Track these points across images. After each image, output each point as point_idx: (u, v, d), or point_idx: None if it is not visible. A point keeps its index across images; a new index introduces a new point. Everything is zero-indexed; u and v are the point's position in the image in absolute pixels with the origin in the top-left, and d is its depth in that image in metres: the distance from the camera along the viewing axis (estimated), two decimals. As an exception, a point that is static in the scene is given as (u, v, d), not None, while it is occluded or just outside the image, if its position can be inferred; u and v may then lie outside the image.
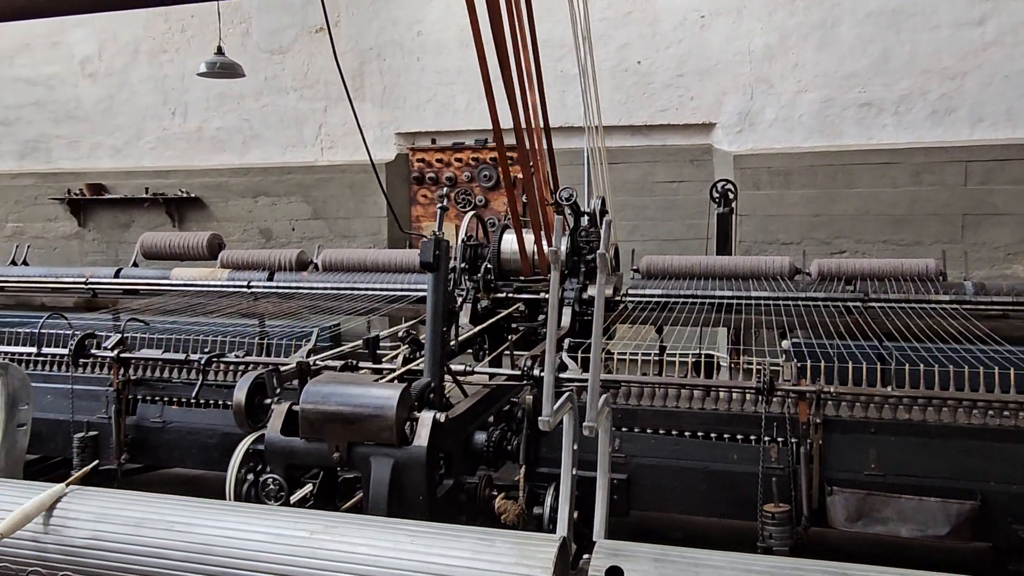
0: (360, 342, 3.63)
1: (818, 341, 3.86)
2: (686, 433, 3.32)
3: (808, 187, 7.89)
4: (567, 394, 1.55)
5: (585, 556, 1.30)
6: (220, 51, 8.15)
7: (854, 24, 7.72)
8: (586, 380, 2.02)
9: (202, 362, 3.75)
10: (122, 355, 3.92)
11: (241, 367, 3.84)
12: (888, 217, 7.72)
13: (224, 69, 8.13)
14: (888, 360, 3.50)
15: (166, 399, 3.98)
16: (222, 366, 3.91)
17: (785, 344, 4.43)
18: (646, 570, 1.20)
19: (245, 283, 5.33)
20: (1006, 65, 7.37)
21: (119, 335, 3.97)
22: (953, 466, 3.05)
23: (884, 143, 7.74)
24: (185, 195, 9.81)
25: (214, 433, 3.86)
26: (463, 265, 4.79)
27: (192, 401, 3.86)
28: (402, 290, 5.07)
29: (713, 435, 3.31)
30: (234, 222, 9.83)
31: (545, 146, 4.66)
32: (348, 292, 5.19)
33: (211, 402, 3.91)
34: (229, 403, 3.84)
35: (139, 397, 4.00)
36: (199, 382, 3.77)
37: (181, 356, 3.85)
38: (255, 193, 9.75)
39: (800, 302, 4.51)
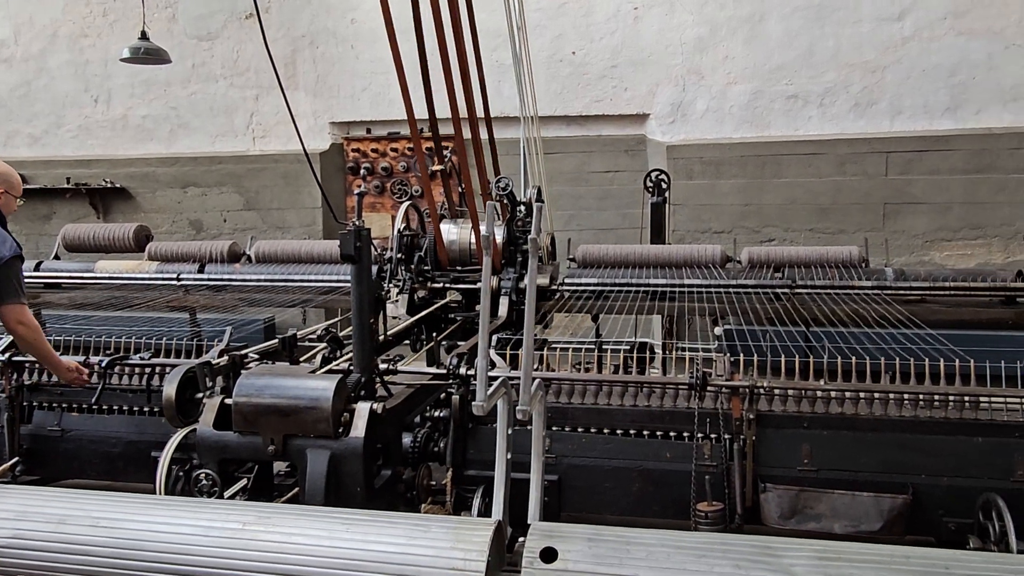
0: (276, 341, 3.52)
1: (749, 327, 3.96)
2: (618, 431, 3.32)
3: (738, 177, 8.07)
4: (501, 378, 1.56)
5: (520, 539, 1.32)
6: (144, 36, 7.87)
7: (781, 18, 7.92)
8: (515, 377, 2.03)
9: (103, 364, 3.57)
10: (14, 358, 3.71)
11: (147, 369, 3.71)
12: (814, 206, 7.95)
13: (149, 55, 7.87)
14: (816, 347, 3.59)
15: (65, 405, 3.77)
16: (127, 369, 3.73)
17: (717, 330, 4.53)
18: (580, 550, 1.22)
19: (174, 275, 5.19)
20: (923, 60, 7.65)
21: (9, 337, 3.71)
22: (885, 460, 3.10)
23: (810, 134, 7.97)
24: (110, 185, 9.48)
25: (118, 441, 3.69)
26: (399, 255, 4.76)
27: (94, 407, 3.68)
28: (337, 281, 5.00)
29: (645, 432, 3.30)
30: (162, 213, 9.55)
31: (484, 135, 4.66)
32: (282, 284, 5.10)
33: (115, 408, 3.75)
34: (136, 408, 3.73)
35: (35, 404, 3.79)
36: (100, 387, 3.60)
37: (80, 358, 3.65)
38: (184, 183, 9.48)
39: (732, 289, 4.61)
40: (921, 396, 3.20)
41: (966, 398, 3.19)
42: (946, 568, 1.12)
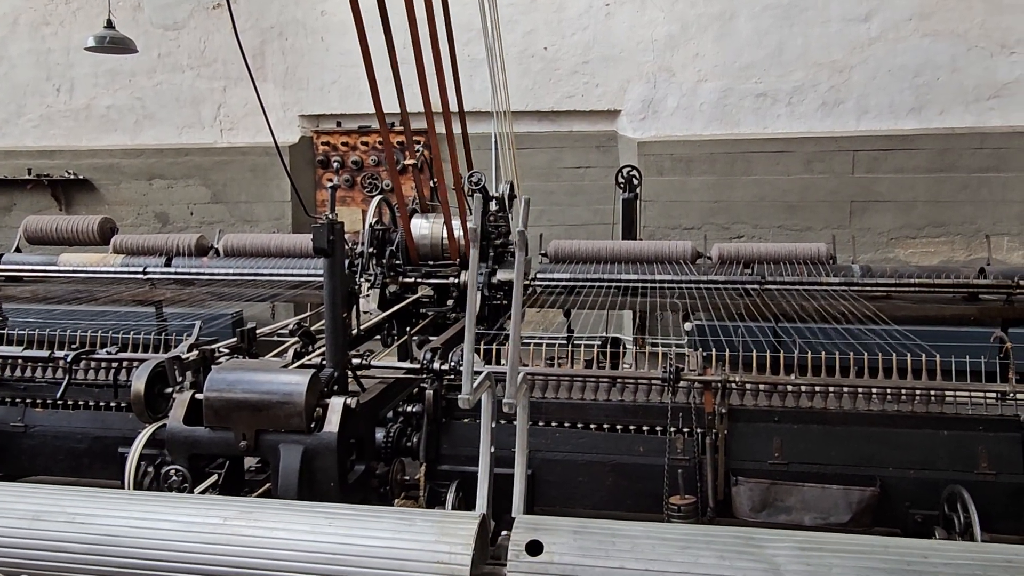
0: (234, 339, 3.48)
1: (720, 323, 4.00)
2: (591, 425, 3.33)
3: (708, 174, 8.14)
4: (485, 372, 1.56)
5: (504, 532, 1.31)
6: (110, 24, 7.72)
7: (751, 16, 7.99)
8: (498, 371, 2.04)
9: (68, 359, 3.50)
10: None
11: (114, 364, 3.65)
12: (782, 203, 8.05)
13: (114, 44, 7.71)
14: (786, 342, 3.63)
15: (28, 400, 3.69)
16: (93, 364, 3.64)
17: (688, 326, 4.56)
18: (565, 542, 1.22)
19: (141, 269, 5.10)
20: (889, 60, 7.78)
21: None
22: (853, 453, 3.14)
23: (778, 132, 8.06)
24: (72, 177, 9.29)
25: (84, 437, 3.61)
26: (371, 250, 4.72)
27: (58, 402, 3.60)
28: (307, 275, 4.95)
29: (619, 427, 3.31)
30: (127, 206, 9.38)
31: (457, 130, 4.64)
32: (251, 278, 5.04)
33: (80, 403, 3.67)
34: (102, 403, 3.66)
35: None
36: (65, 381, 3.53)
37: (44, 353, 3.57)
38: (150, 175, 9.32)
39: (702, 285, 4.65)
40: (888, 390, 3.25)
41: (932, 392, 3.25)
42: (924, 557, 1.14)
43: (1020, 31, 7.54)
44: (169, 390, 2.90)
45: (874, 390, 3.26)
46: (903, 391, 3.25)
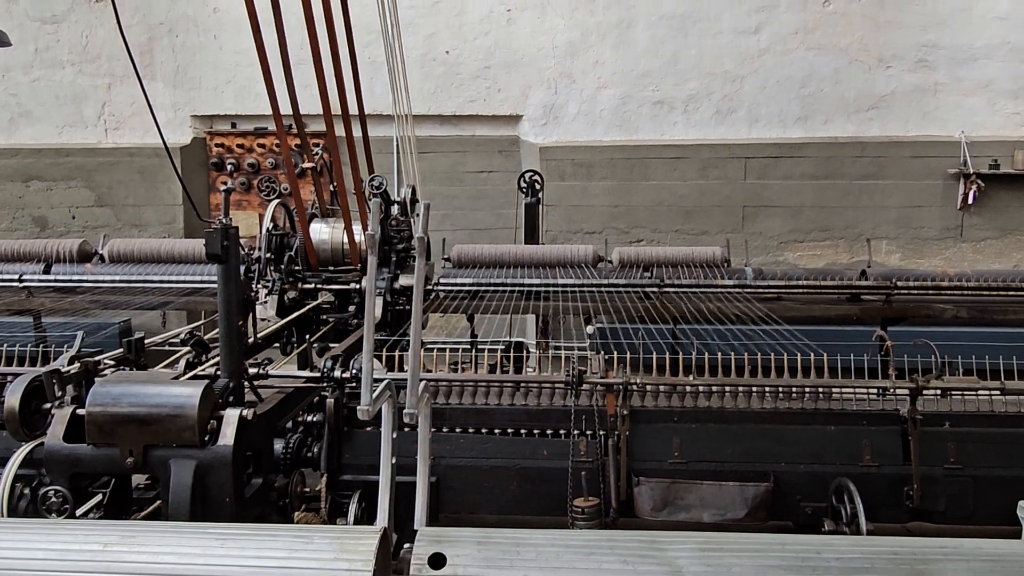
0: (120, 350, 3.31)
1: (621, 325, 4.06)
2: (496, 430, 3.34)
3: (608, 179, 8.30)
4: (386, 381, 1.52)
5: (407, 545, 1.28)
6: (-21, 16, 7.22)
7: (648, 26, 8.19)
8: (399, 379, 2.01)
9: None
10: None
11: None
12: (679, 208, 8.28)
13: (-15, 37, 7.22)
14: (684, 343, 3.72)
15: None
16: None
17: (590, 329, 4.62)
18: (469, 554, 1.19)
19: (16, 276, 4.79)
20: (777, 71, 8.13)
21: None
22: (748, 450, 3.26)
23: (675, 139, 8.29)
24: (-62, 178, 8.64)
25: None
26: (268, 255, 4.58)
27: None
28: (201, 282, 4.76)
29: (523, 431, 3.34)
30: (0, 209, 8.79)
31: (357, 133, 4.56)
32: (140, 285, 4.80)
33: None
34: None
35: None
36: None
37: None
38: (26, 177, 8.76)
39: (603, 288, 4.72)
40: (780, 388, 3.38)
41: (820, 389, 3.40)
42: (818, 553, 1.18)
43: (896, 47, 8.02)
44: (47, 405, 2.73)
45: (767, 388, 3.38)
46: (793, 389, 3.39)
